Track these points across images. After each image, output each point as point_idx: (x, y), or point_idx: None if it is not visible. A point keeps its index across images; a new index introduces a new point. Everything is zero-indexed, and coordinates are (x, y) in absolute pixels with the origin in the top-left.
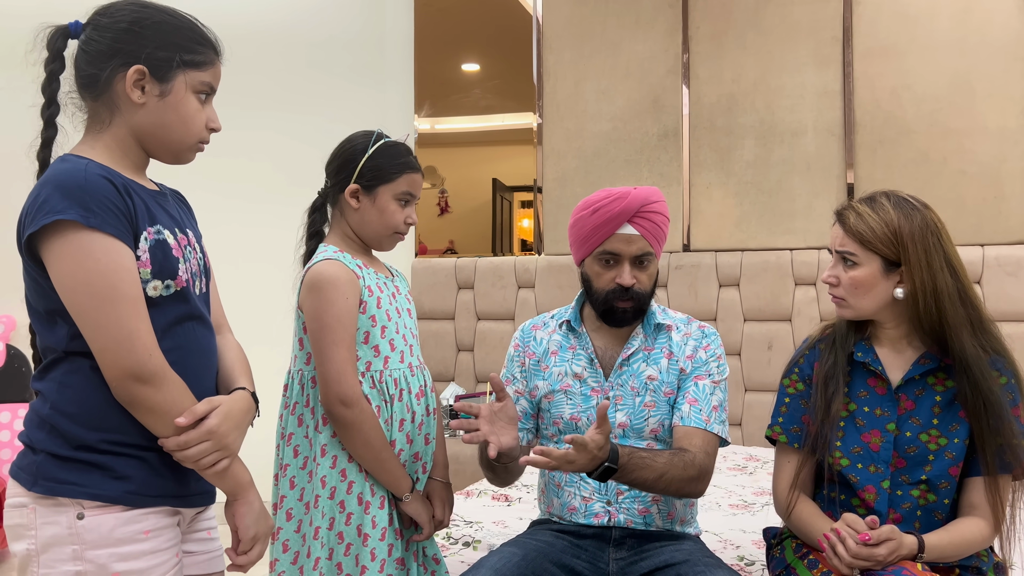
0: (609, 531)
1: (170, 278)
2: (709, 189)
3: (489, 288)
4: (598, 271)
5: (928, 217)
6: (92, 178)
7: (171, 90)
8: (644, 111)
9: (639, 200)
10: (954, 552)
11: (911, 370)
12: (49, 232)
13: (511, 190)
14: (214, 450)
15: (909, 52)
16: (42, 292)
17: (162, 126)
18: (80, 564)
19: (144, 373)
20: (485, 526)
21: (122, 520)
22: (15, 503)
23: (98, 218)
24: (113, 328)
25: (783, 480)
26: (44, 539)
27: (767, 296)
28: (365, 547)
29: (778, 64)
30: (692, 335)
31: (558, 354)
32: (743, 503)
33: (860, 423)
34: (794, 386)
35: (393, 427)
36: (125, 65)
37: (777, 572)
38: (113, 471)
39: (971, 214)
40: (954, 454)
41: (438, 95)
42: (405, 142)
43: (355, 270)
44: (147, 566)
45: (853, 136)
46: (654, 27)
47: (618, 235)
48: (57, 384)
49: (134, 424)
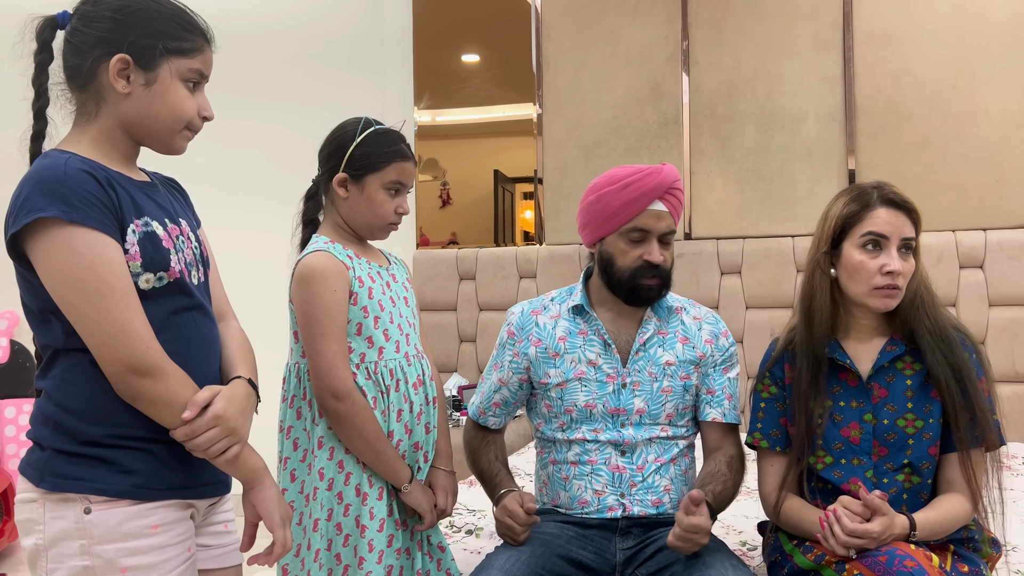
0: (616, 521)
1: (162, 270)
2: (710, 177)
3: (491, 279)
4: (624, 248)
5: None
6: (72, 172)
7: (157, 78)
8: (644, 99)
9: (671, 176)
10: (943, 528)
11: (879, 358)
12: (32, 230)
13: (513, 181)
14: (223, 436)
15: (909, 36)
16: (33, 291)
17: (149, 116)
18: (88, 559)
19: (143, 366)
20: (488, 515)
21: (129, 515)
22: (24, 499)
23: (80, 212)
24: (106, 322)
25: (769, 483)
26: (52, 534)
27: (769, 283)
28: (363, 539)
29: (778, 50)
30: (704, 319)
31: (567, 340)
32: (745, 489)
33: (837, 418)
34: (768, 390)
35: (391, 417)
36: (108, 54)
37: (772, 558)
38: (119, 465)
39: (973, 198)
40: (931, 434)
41: (438, 86)
42: (399, 129)
43: (345, 261)
44: (156, 561)
45: (854, 122)
46: (653, 14)
47: (649, 211)
48: (59, 381)
49: (138, 416)
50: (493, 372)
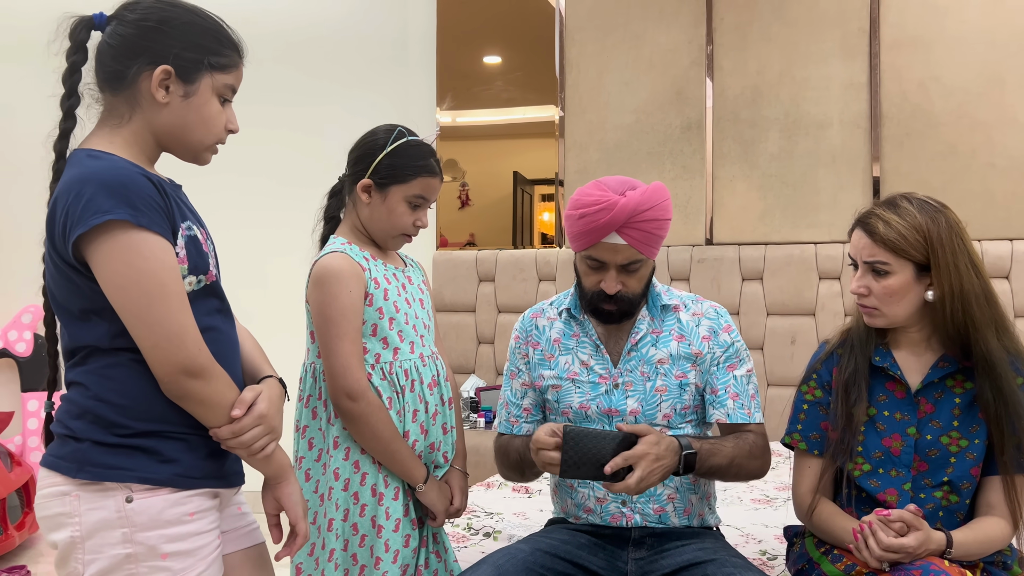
0: (628, 531)
1: (202, 272)
2: (733, 182)
3: (510, 281)
4: (585, 271)
5: (950, 218)
6: (134, 177)
7: (196, 91)
8: (667, 103)
9: (627, 212)
10: (979, 550)
11: (930, 373)
12: (96, 232)
13: (532, 183)
14: (264, 434)
15: (937, 43)
16: (76, 290)
17: (183, 127)
18: (130, 547)
19: (195, 367)
20: (506, 517)
21: (170, 502)
22: (53, 492)
23: (146, 217)
24: (164, 325)
25: (803, 485)
26: (90, 524)
27: (791, 290)
28: (379, 539)
29: (803, 56)
30: (705, 314)
31: (561, 342)
32: (765, 497)
33: (880, 427)
34: (812, 393)
35: (406, 418)
36: (152, 64)
37: (799, 566)
38: (160, 455)
39: (1000, 208)
40: (975, 455)
41: (460, 88)
42: (432, 142)
43: (361, 262)
44: (193, 547)
45: (879, 128)
46: (678, 18)
47: (604, 243)
48: (98, 376)
49: (177, 412)
50: (512, 381)
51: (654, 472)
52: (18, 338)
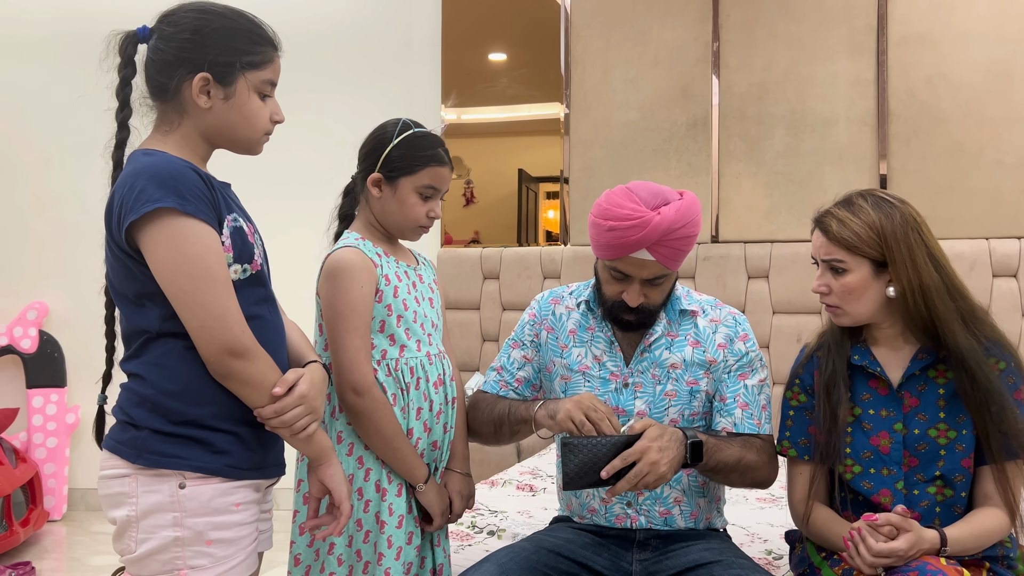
0: (633, 532)
1: (247, 262)
2: (738, 179)
3: (515, 278)
4: (607, 279)
5: (907, 212)
6: (183, 169)
7: (235, 92)
8: (673, 100)
9: (660, 231)
10: (976, 544)
11: (910, 367)
12: (147, 219)
13: (537, 181)
14: (306, 414)
15: (945, 40)
16: (132, 277)
17: (228, 127)
18: (179, 530)
19: (239, 348)
20: (510, 515)
21: (219, 491)
22: (114, 474)
23: (192, 205)
24: (210, 307)
25: (797, 492)
26: (145, 506)
27: (797, 288)
28: (383, 534)
29: (810, 52)
30: (723, 321)
31: (576, 333)
32: (770, 497)
33: (867, 427)
34: (796, 398)
35: (410, 415)
36: (191, 73)
37: (800, 570)
38: (212, 445)
39: (1008, 205)
40: (964, 445)
41: (465, 85)
42: (440, 133)
43: (374, 258)
44: (236, 536)
45: (887, 126)
46: (684, 15)
47: (631, 258)
48: (154, 365)
49: (230, 398)
50: (513, 350)
51: (659, 464)
52: (23, 335)
